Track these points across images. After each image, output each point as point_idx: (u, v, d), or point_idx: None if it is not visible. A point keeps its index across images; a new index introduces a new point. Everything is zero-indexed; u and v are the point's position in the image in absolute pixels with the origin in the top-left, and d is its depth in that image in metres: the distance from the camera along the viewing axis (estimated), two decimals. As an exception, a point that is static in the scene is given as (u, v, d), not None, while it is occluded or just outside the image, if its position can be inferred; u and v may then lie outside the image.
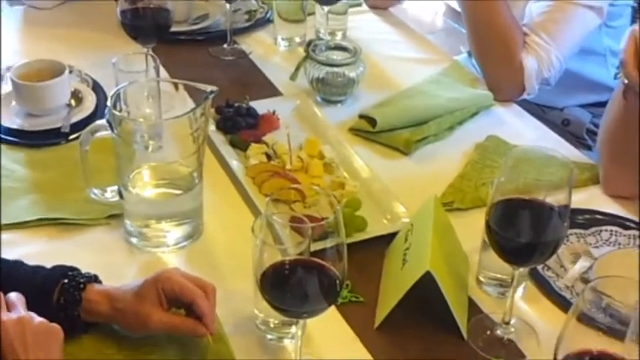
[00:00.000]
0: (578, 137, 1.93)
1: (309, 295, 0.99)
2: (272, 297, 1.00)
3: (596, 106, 1.93)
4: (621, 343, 0.84)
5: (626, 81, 1.35)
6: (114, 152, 1.27)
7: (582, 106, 1.97)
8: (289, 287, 1.00)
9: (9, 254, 1.18)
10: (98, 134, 1.26)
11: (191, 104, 1.27)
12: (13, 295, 1.03)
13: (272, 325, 1.15)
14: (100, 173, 1.31)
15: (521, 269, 1.13)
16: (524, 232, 1.06)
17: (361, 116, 1.65)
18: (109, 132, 1.24)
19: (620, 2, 1.88)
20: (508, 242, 1.08)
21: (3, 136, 1.56)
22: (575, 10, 1.74)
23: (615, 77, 1.89)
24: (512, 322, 1.16)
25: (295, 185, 1.34)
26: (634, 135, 1.37)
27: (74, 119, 1.59)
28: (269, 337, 1.15)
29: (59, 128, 1.57)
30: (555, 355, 0.89)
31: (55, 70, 1.60)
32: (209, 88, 1.26)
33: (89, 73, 1.74)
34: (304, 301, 0.99)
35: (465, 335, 1.15)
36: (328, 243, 0.98)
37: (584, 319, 0.85)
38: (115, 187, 1.31)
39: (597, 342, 0.86)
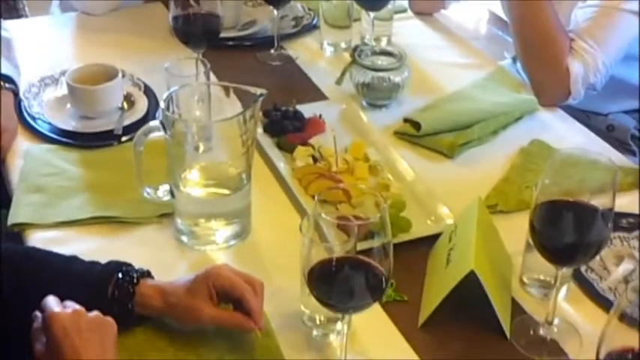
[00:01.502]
0: (623, 143, 1.92)
1: (356, 291, 1.02)
2: (319, 292, 1.02)
3: (641, 112, 1.93)
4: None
5: None
6: (166, 153, 1.30)
7: (627, 112, 1.97)
8: (336, 283, 1.02)
9: (63, 251, 1.22)
10: (151, 135, 1.29)
11: (240, 109, 1.28)
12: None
13: (318, 322, 1.17)
14: (152, 173, 1.33)
15: (565, 270, 1.14)
16: (568, 232, 1.08)
17: (406, 120, 1.67)
18: (162, 133, 1.27)
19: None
20: (552, 242, 1.09)
21: (57, 137, 1.60)
22: (620, 16, 1.75)
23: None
24: (555, 322, 1.18)
25: (341, 185, 1.36)
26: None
27: (126, 122, 1.62)
28: (315, 333, 1.17)
29: (112, 130, 1.60)
30: (597, 354, 0.90)
31: (109, 74, 1.64)
32: (258, 90, 1.28)
33: (141, 78, 1.78)
34: (351, 296, 1.01)
35: (508, 335, 1.17)
36: (375, 242, 0.99)
37: (626, 318, 0.86)
38: (167, 187, 1.34)
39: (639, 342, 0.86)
